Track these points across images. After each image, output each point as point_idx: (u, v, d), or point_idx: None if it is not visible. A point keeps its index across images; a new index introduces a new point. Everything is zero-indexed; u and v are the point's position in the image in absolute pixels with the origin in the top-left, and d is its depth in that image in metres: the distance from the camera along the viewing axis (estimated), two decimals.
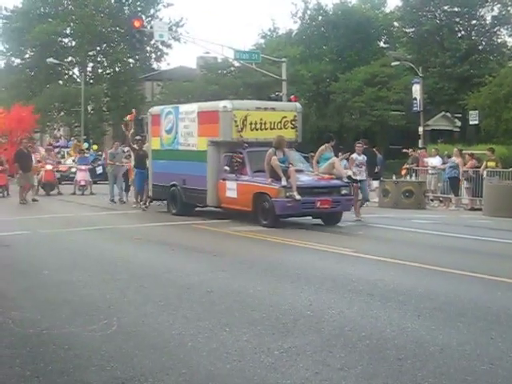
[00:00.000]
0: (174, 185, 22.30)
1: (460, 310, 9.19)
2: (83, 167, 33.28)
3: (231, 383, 6.49)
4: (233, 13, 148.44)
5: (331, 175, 19.64)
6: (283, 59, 45.34)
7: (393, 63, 50.14)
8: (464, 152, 28.71)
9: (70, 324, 8.40)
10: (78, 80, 62.35)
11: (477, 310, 9.20)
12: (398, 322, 8.44)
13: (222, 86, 53.48)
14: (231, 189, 20.13)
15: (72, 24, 65.77)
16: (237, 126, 20.38)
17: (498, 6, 56.60)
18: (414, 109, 47.64)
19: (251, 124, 20.66)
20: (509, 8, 56.31)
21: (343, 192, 19.30)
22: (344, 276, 11.72)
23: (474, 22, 57.16)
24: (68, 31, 66.97)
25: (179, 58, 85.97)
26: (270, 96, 45.80)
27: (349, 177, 20.06)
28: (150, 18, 66.71)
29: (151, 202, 24.71)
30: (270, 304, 9.45)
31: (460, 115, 53.31)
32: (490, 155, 27.27)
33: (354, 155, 21.44)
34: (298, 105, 23.04)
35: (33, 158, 30.24)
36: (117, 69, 67.59)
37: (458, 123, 54.48)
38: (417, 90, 47.25)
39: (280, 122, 21.15)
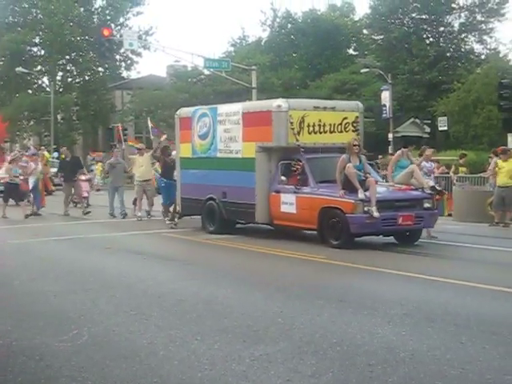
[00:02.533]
0: (210, 198, 19.32)
1: (430, 315, 9.25)
2: (83, 177, 29.04)
3: None
4: (202, 21, 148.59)
5: (408, 185, 17.05)
6: (253, 67, 45.41)
7: (362, 70, 50.44)
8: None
9: (41, 334, 8.36)
10: (48, 89, 61.93)
11: (447, 314, 9.27)
12: (369, 328, 8.48)
13: (192, 95, 53.47)
14: (288, 203, 17.25)
15: (41, 33, 65.34)
16: (293, 128, 17.41)
17: (466, 13, 57.18)
18: (384, 115, 47.92)
19: (309, 126, 17.76)
20: (476, 15, 56.86)
21: (426, 205, 16.55)
22: (314, 282, 11.77)
23: (441, 29, 57.72)
24: (37, 40, 66.50)
25: (149, 66, 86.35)
26: None
27: (432, 187, 17.12)
28: (119, 27, 66.34)
29: (180, 217, 21.53)
30: (241, 312, 9.47)
31: (429, 121, 53.66)
32: (461, 161, 27.50)
33: (422, 162, 18.49)
34: (359, 104, 19.61)
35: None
36: (86, 77, 67.20)
37: (428, 129, 54.83)
38: (386, 96, 47.57)
39: (340, 123, 18.29)
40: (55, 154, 49.61)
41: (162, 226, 20.71)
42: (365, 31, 63.20)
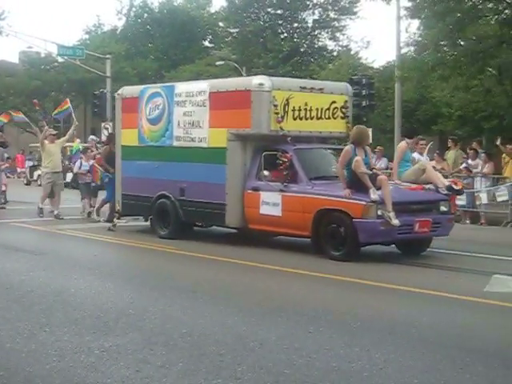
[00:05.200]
0: (163, 196, 16.16)
1: (280, 305, 9.43)
2: None
3: None
4: (57, 7, 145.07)
5: (419, 185, 14.22)
6: (108, 56, 44.89)
7: (217, 62, 50.69)
8: None
9: None
10: None
11: (296, 304, 9.47)
12: (219, 318, 8.56)
13: (45, 82, 52.36)
14: (271, 203, 14.24)
15: None
16: (277, 112, 14.50)
17: (319, 10, 58.31)
18: None
19: (294, 111, 14.85)
20: (329, 12, 58.09)
21: (443, 209, 13.91)
22: (166, 273, 11.78)
23: (296, 24, 58.65)
24: None
25: (0, 52, 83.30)
26: (94, 93, 45.11)
27: (449, 187, 14.09)
28: None
29: (119, 218, 17.82)
30: (92, 303, 9.36)
31: None
32: None
33: (416, 155, 15.76)
34: (349, 87, 16.68)
35: None
36: None
37: None
38: None
39: (328, 108, 15.44)
40: None
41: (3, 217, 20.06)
42: (221, 24, 63.50)
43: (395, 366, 6.79)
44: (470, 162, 21.99)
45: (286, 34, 58.52)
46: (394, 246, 14.16)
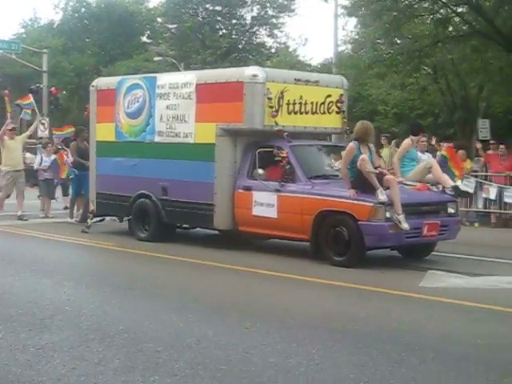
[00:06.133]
0: (143, 195, 15.08)
1: (216, 302, 9.45)
2: None
3: None
4: None
5: (424, 184, 13.50)
6: (44, 50, 44.41)
7: (155, 58, 50.46)
8: None
9: None
10: None
11: (232, 300, 9.53)
12: (157, 315, 8.54)
13: None
14: (265, 204, 13.25)
15: None
16: (271, 106, 13.55)
17: (258, 7, 58.43)
18: None
19: (288, 104, 13.89)
20: (267, 9, 58.25)
21: (450, 211, 13.09)
22: (103, 270, 11.72)
23: (234, 21, 58.66)
24: None
25: None
26: (30, 87, 44.46)
27: (455, 187, 13.39)
28: None
29: (92, 218, 16.49)
30: (27, 300, 9.25)
31: None
32: None
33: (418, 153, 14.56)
34: (344, 80, 15.77)
35: None
36: None
37: None
38: None
39: (323, 102, 14.53)
40: None
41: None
42: (159, 19, 63.17)
43: (332, 361, 6.86)
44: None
45: (224, 31, 58.48)
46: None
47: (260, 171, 13.32)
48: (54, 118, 39.44)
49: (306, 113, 14.20)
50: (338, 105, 14.78)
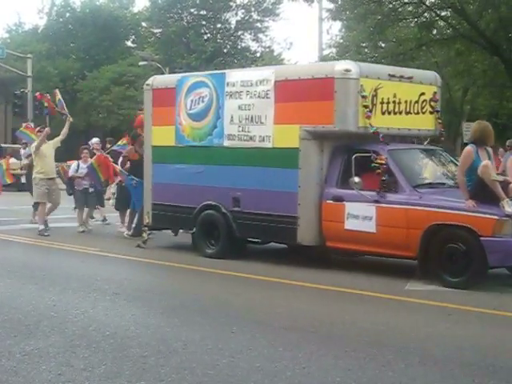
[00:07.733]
0: (209, 206, 13.46)
1: (203, 306, 9.44)
2: None
3: None
4: None
5: None
6: (29, 55, 44.34)
7: (140, 63, 50.35)
8: None
9: None
10: None
11: (219, 306, 9.50)
12: (143, 320, 8.52)
13: None
14: (361, 217, 11.64)
15: None
16: (366, 105, 11.90)
17: (242, 11, 58.57)
18: None
19: (382, 103, 12.26)
20: (252, 14, 58.38)
21: None
22: (89, 276, 11.67)
23: (219, 25, 58.78)
24: None
25: None
26: (15, 92, 44.43)
27: None
28: None
29: (148, 231, 14.82)
30: (12, 306, 9.22)
31: None
32: None
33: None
34: (437, 76, 13.92)
35: None
36: None
37: None
38: None
39: (417, 101, 12.86)
40: None
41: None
42: (144, 24, 63.20)
43: (318, 365, 6.86)
44: None
45: (209, 35, 58.57)
46: None
47: (356, 179, 11.54)
48: (38, 123, 39.29)
49: (400, 113, 12.62)
50: (432, 104, 13.15)
